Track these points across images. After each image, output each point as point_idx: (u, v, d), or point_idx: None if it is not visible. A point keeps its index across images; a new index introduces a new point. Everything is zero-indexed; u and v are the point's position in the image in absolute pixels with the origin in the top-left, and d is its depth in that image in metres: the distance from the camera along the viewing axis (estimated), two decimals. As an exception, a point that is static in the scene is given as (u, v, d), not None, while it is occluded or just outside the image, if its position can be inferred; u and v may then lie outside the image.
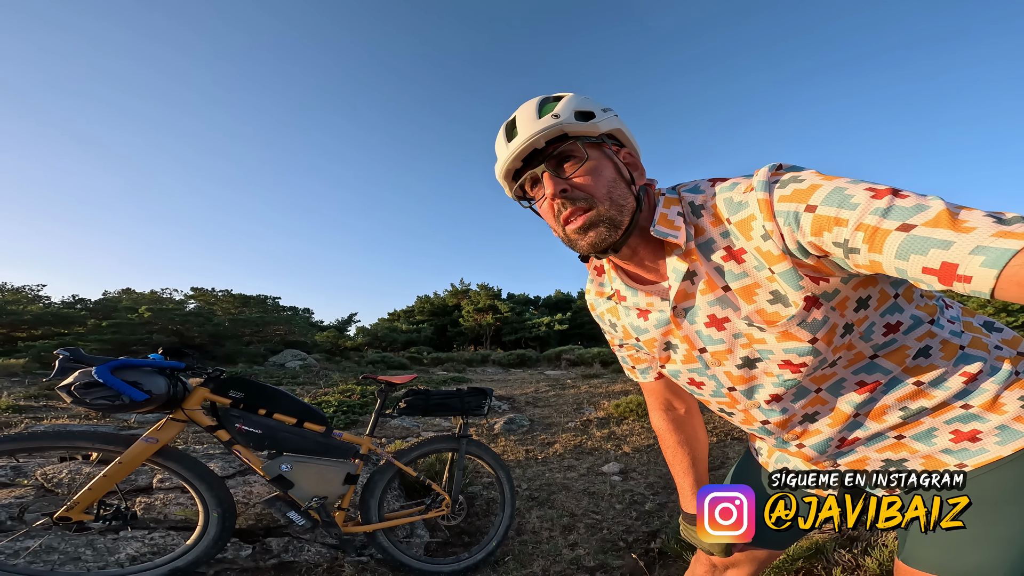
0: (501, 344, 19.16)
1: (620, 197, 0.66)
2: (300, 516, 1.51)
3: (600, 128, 0.67)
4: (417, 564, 1.65)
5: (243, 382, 1.55)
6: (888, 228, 0.46)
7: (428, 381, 7.58)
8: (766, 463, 0.86)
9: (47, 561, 1.33)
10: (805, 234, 0.54)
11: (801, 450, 0.74)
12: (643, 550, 1.90)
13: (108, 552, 1.39)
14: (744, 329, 0.65)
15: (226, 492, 1.47)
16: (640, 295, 0.73)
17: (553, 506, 2.41)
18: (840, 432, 0.69)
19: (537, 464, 3.24)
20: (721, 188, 0.64)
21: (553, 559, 1.85)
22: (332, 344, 13.31)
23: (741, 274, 0.62)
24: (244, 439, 1.50)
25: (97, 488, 1.31)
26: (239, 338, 11.42)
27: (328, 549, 1.66)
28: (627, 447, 3.66)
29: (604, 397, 5.92)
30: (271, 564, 1.54)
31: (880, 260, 0.48)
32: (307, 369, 8.12)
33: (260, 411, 1.54)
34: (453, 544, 1.97)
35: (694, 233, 0.65)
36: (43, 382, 6.10)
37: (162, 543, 1.47)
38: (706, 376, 0.74)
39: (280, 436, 1.55)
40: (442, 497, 1.84)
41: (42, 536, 1.38)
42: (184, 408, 1.43)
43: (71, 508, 1.29)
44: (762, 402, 0.71)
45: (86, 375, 1.27)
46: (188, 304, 14.33)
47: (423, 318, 21.10)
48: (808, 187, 0.54)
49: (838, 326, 0.60)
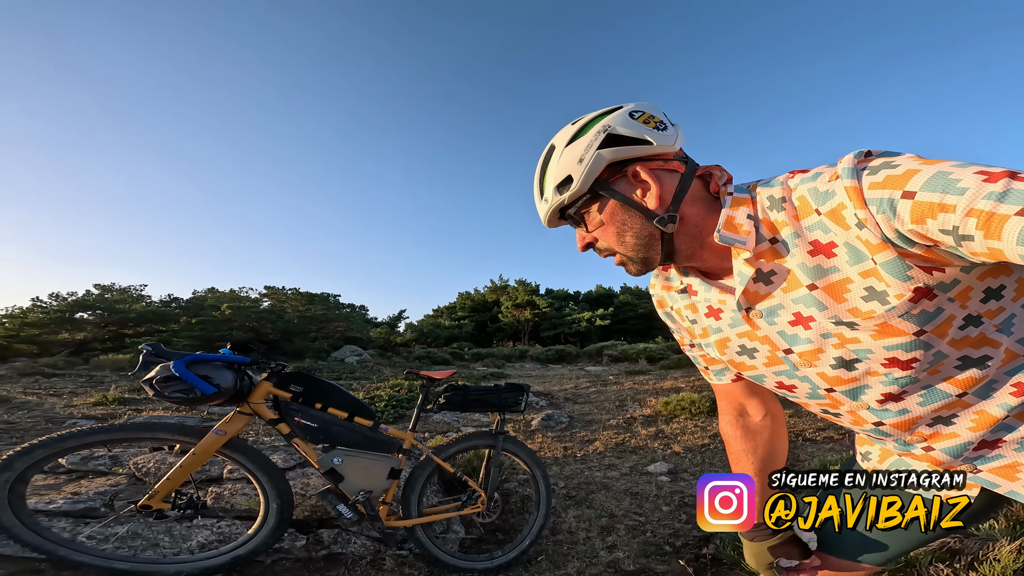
0: (539, 340, 19.07)
1: (634, 238, 0.66)
2: (348, 509, 1.54)
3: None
4: (451, 560, 1.65)
5: (302, 377, 1.58)
6: (1006, 213, 0.41)
7: (468, 377, 7.70)
8: (873, 468, 0.77)
9: (131, 547, 1.44)
10: (904, 222, 0.48)
11: (929, 453, 0.66)
12: (693, 555, 1.78)
13: (182, 539, 1.50)
14: (832, 329, 0.59)
15: (285, 484, 1.52)
16: (713, 291, 0.69)
17: (591, 506, 2.33)
18: (983, 436, 0.61)
19: (575, 462, 3.17)
20: (803, 179, 0.59)
21: (589, 560, 1.79)
22: (384, 340, 13.88)
23: (831, 269, 0.57)
24: (302, 432, 1.53)
25: (174, 478, 1.40)
26: (306, 334, 12.16)
27: (372, 542, 1.71)
28: (677, 446, 3.50)
29: (651, 394, 5.71)
30: (322, 555, 1.60)
31: (1000, 247, 0.42)
32: (363, 364, 8.51)
33: (317, 405, 1.57)
34: (487, 541, 1.96)
35: (771, 229, 0.60)
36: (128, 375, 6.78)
37: (228, 531, 1.57)
38: (797, 379, 0.68)
39: (334, 430, 1.57)
40: (478, 494, 1.83)
41: (129, 523, 1.51)
42: (250, 402, 1.48)
43: (152, 497, 1.38)
44: (872, 403, 0.64)
45: (165, 369, 1.34)
46: (262, 302, 15.44)
47: (464, 314, 21.40)
48: (904, 172, 0.49)
49: (956, 318, 0.54)
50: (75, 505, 1.56)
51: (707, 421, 4.26)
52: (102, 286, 15.00)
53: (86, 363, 8.42)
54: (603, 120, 0.66)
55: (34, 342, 11.49)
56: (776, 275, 0.61)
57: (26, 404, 4.37)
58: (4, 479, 1.24)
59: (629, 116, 0.66)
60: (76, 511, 1.54)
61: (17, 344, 11.25)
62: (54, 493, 1.64)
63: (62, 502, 1.56)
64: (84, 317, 12.53)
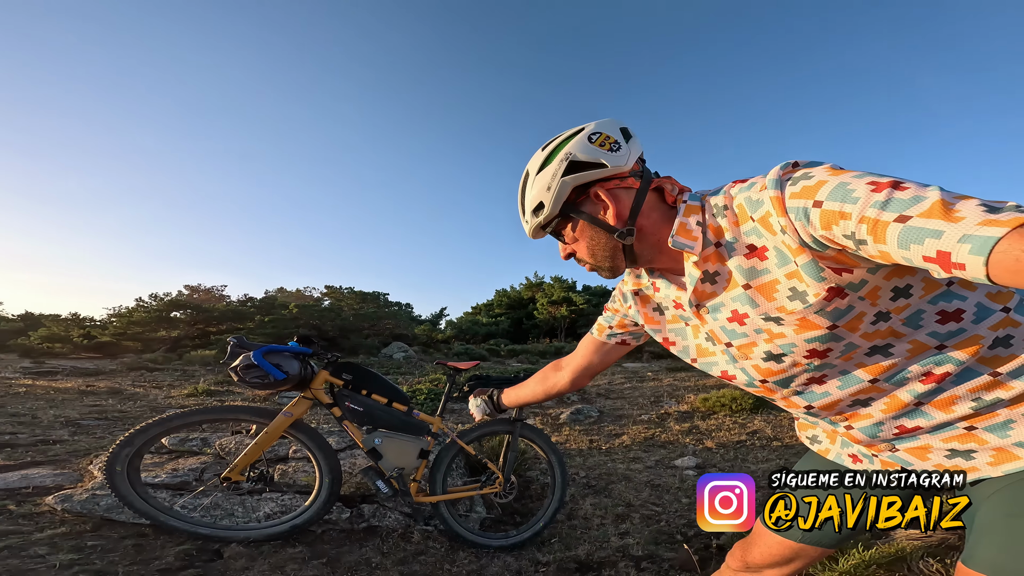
0: (576, 336, 18.84)
1: (602, 249, 0.76)
2: (384, 484, 1.71)
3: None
4: (470, 536, 1.81)
5: (351, 366, 1.80)
6: (887, 220, 0.47)
7: (503, 372, 7.90)
8: (826, 451, 0.83)
9: (212, 515, 1.75)
10: (816, 228, 0.54)
11: (850, 432, 0.72)
12: (703, 544, 1.84)
13: (252, 510, 1.80)
14: (762, 324, 0.66)
15: (336, 462, 1.74)
16: (673, 288, 0.78)
17: (609, 495, 2.41)
18: (897, 418, 0.67)
19: (599, 454, 3.24)
20: (741, 188, 0.66)
21: (599, 544, 1.89)
22: (427, 337, 14.46)
23: (763, 271, 0.63)
24: (351, 415, 1.74)
25: (250, 454, 1.65)
26: (360, 332, 12.94)
27: (403, 517, 1.93)
28: (711, 442, 3.48)
29: (691, 391, 5.61)
30: (362, 527, 1.85)
31: (887, 250, 0.48)
32: (408, 360, 9.00)
33: (363, 391, 1.77)
34: (505, 523, 2.11)
35: (717, 234, 0.67)
36: (219, 363, 7.62)
37: (288, 503, 1.86)
38: (737, 370, 0.75)
39: (376, 413, 1.77)
40: (496, 475, 1.97)
41: (212, 494, 1.84)
42: (311, 387, 1.70)
43: (232, 470, 1.64)
44: (799, 387, 0.71)
45: (246, 359, 1.54)
46: (324, 301, 16.58)
47: (501, 311, 21.63)
48: (815, 183, 0.55)
49: (866, 314, 0.60)
50: (174, 479, 1.93)
51: (747, 418, 4.16)
52: (191, 287, 16.75)
53: (180, 358, 9.49)
54: (565, 147, 0.73)
55: (138, 339, 13.10)
56: (719, 275, 0.68)
57: (135, 395, 5.16)
58: (125, 453, 1.55)
59: (588, 140, 0.72)
60: (174, 484, 1.90)
61: (125, 341, 12.91)
62: (158, 469, 2.03)
63: (164, 476, 1.94)
64: (177, 316, 14.08)
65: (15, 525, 1.63)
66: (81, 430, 3.36)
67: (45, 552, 1.48)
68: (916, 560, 1.40)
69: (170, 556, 1.55)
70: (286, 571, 1.55)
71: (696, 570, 1.67)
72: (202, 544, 1.62)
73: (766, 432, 3.72)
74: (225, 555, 1.59)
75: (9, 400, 4.58)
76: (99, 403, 4.72)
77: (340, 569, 1.59)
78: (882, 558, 1.43)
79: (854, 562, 1.43)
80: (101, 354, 11.64)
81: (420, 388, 4.65)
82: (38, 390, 5.29)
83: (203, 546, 1.61)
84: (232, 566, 1.54)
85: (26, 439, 2.91)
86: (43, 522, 1.66)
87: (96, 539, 1.59)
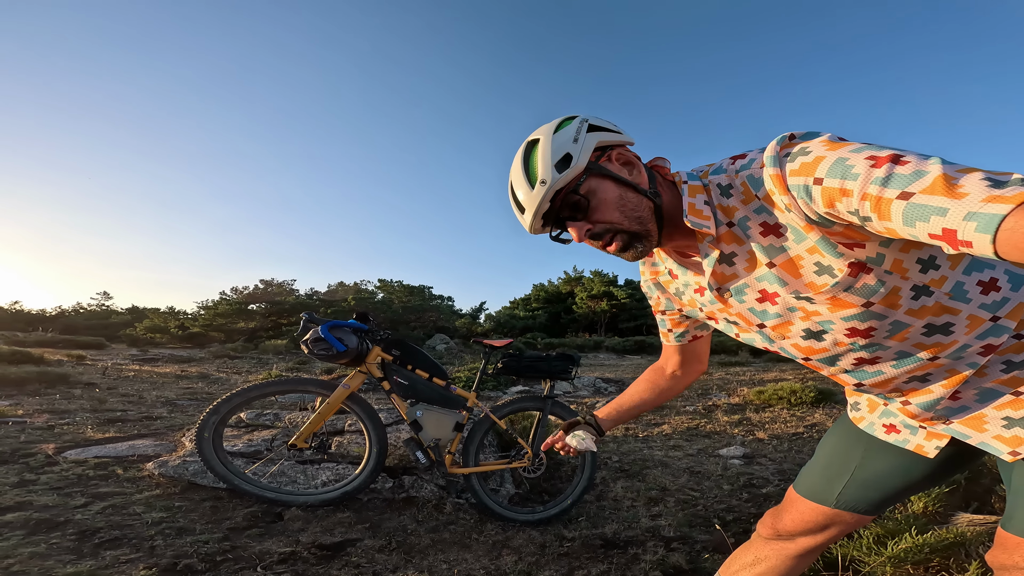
0: (618, 331, 18.40)
1: (634, 209, 0.64)
2: (423, 455, 1.77)
3: (583, 163, 0.62)
4: (498, 509, 1.83)
5: (399, 342, 1.89)
6: (890, 197, 0.44)
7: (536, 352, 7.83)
8: (860, 419, 0.76)
9: (278, 481, 1.91)
10: (819, 206, 0.51)
11: (906, 407, 0.67)
12: (742, 529, 1.75)
13: (312, 477, 1.95)
14: (795, 303, 0.61)
15: (384, 434, 1.83)
16: (689, 274, 0.73)
17: (643, 479, 2.34)
18: (954, 391, 0.63)
19: (635, 441, 3.15)
20: (742, 165, 0.61)
21: (628, 524, 1.83)
22: (467, 330, 14.70)
23: (783, 248, 0.59)
24: (397, 389, 1.83)
25: (314, 422, 1.77)
26: (407, 323, 13.40)
27: (438, 489, 2.00)
28: (762, 433, 3.27)
29: (745, 384, 5.32)
30: (402, 497, 1.94)
31: (894, 227, 0.45)
32: (449, 351, 9.22)
33: (408, 367, 1.86)
34: (533, 500, 2.12)
35: (727, 214, 0.62)
36: (297, 344, 8.10)
37: (342, 472, 1.99)
38: (779, 348, 0.70)
39: (419, 387, 1.85)
40: (525, 451, 1.96)
41: (278, 462, 2.00)
42: (367, 362, 1.80)
43: (298, 437, 1.77)
44: (848, 366, 0.66)
45: (315, 332, 1.69)
46: (377, 295, 17.29)
47: (538, 305, 21.45)
48: (813, 159, 0.52)
49: (902, 289, 0.55)
50: (249, 448, 2.11)
51: (807, 411, 3.85)
52: (265, 281, 17.95)
53: (256, 348, 10.25)
54: (575, 119, 0.66)
55: (221, 330, 14.28)
56: (737, 256, 0.63)
57: (219, 379, 5.67)
58: (213, 421, 1.72)
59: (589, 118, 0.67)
60: (249, 452, 2.09)
61: (211, 332, 14.10)
62: (236, 440, 2.22)
63: (241, 445, 2.13)
64: (254, 308, 15.19)
65: (120, 487, 1.86)
66: (177, 408, 3.77)
67: (141, 511, 1.68)
68: (977, 547, 1.24)
69: (239, 517, 1.71)
70: (334, 533, 1.66)
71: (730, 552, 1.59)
72: (267, 507, 1.77)
73: (826, 425, 3.45)
74: (285, 517, 1.74)
75: (121, 383, 5.17)
76: (191, 386, 5.23)
77: (380, 534, 1.69)
78: (938, 542, 1.27)
79: (905, 546, 1.27)
80: (192, 343, 12.81)
81: (459, 376, 4.74)
82: (144, 374, 5.94)
83: (268, 509, 1.77)
84: (290, 527, 1.68)
85: (134, 415, 3.29)
86: (143, 485, 1.89)
87: (182, 500, 1.79)
